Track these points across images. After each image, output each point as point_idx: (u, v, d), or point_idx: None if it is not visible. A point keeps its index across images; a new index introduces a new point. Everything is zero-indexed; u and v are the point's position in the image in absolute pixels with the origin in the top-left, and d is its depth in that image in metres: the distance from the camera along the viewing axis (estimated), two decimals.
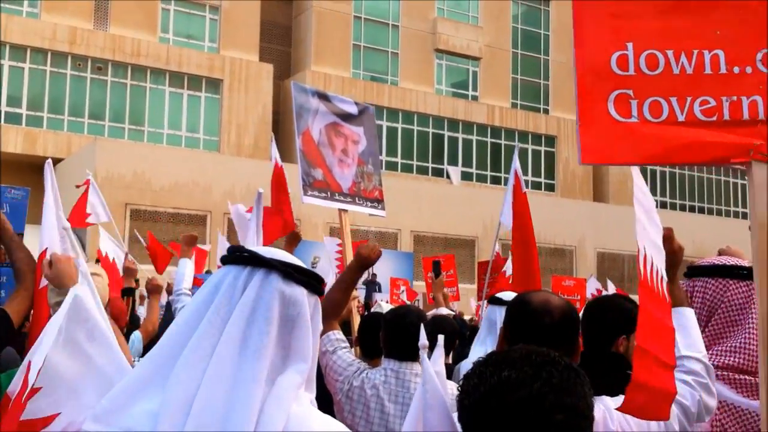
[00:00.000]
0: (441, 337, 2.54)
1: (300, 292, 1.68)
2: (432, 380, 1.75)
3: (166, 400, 1.56)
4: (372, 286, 18.74)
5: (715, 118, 2.32)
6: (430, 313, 5.69)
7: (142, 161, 24.70)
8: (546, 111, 36.75)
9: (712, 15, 2.38)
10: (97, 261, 11.30)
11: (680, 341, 2.38)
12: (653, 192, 37.56)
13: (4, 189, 3.95)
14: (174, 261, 6.72)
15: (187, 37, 29.97)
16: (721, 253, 3.88)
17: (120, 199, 24.21)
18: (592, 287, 13.38)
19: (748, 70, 2.33)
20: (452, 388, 3.41)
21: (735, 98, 2.32)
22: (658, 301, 2.25)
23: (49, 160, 3.88)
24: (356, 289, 5.27)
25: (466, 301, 17.67)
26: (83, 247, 23.75)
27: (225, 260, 1.71)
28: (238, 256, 1.69)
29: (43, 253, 3.56)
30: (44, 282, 3.55)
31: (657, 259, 2.32)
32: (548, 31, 37.31)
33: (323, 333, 3.53)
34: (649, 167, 35.91)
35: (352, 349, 3.77)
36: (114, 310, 4.86)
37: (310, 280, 1.72)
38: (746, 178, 2.30)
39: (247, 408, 1.55)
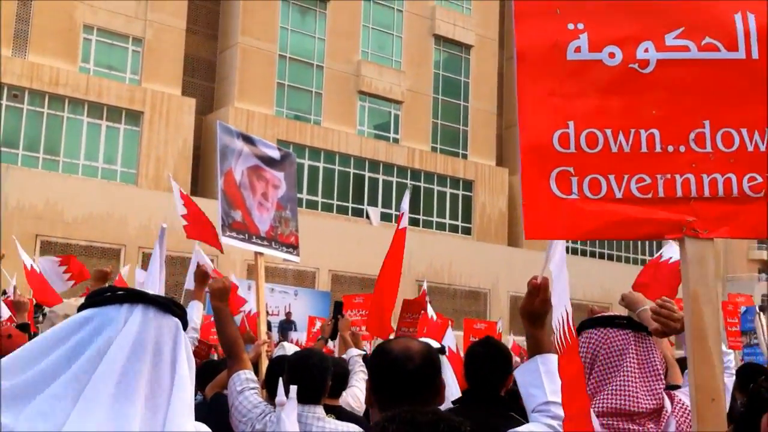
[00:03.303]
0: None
1: (177, 324, 1.71)
2: None
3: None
4: (288, 324, 18.71)
5: (650, 195, 2.38)
6: (343, 356, 5.77)
7: (55, 191, 24.11)
8: (465, 156, 37.55)
9: (648, 95, 2.45)
10: (4, 293, 10.94)
11: (547, 387, 2.45)
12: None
13: None
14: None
15: (108, 67, 29.53)
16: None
17: (30, 230, 23.52)
18: (510, 343, 13.81)
19: (682, 149, 2.40)
20: None
21: (669, 176, 2.39)
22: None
23: None
24: (269, 333, 5.35)
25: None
26: None
27: (97, 302, 1.68)
28: (111, 296, 1.68)
29: None
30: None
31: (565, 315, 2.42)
32: (468, 78, 38.29)
33: (233, 372, 3.54)
34: None
35: (261, 391, 3.74)
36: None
37: (183, 312, 1.76)
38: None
39: None
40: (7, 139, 26.94)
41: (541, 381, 2.45)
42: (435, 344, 4.52)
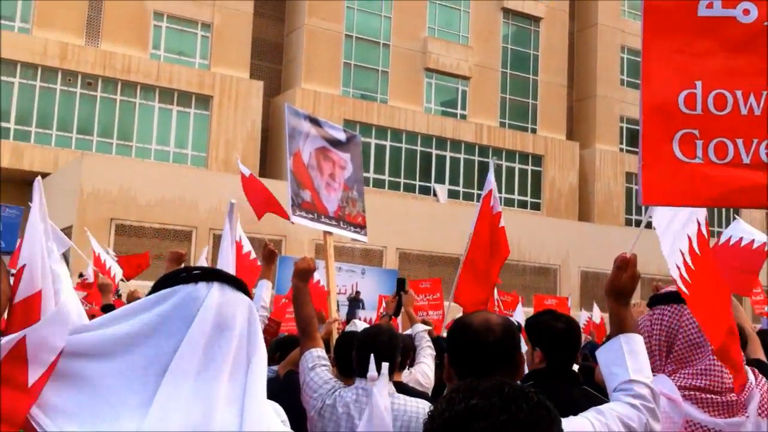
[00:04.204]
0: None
1: (250, 303, 1.73)
2: (380, 416, 1.72)
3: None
4: (355, 303, 18.83)
5: None
6: (407, 331, 5.73)
7: (128, 176, 24.72)
8: (534, 130, 37.03)
9: None
10: (80, 276, 11.29)
11: (630, 366, 2.39)
12: (629, 211, 37.80)
13: None
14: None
15: (179, 53, 30.10)
16: None
17: (105, 214, 24.20)
18: (583, 318, 13.65)
19: None
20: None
21: None
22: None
23: (39, 178, 3.99)
24: (338, 310, 5.37)
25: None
26: (67, 263, 23.68)
27: (173, 282, 1.67)
28: (187, 276, 1.68)
29: (21, 270, 3.62)
30: (20, 296, 3.59)
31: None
32: (537, 51, 37.65)
33: (305, 350, 3.60)
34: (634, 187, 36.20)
35: (333, 368, 3.77)
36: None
37: (248, 290, 1.77)
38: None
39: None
40: (81, 127, 27.77)
41: (624, 360, 2.39)
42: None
